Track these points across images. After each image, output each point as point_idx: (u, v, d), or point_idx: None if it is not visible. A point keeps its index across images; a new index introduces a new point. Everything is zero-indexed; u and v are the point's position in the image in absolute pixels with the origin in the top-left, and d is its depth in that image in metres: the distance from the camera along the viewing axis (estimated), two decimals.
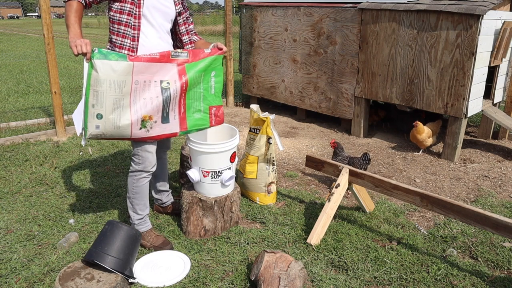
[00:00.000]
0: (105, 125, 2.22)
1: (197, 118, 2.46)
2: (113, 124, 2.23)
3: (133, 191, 2.54)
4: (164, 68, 2.32)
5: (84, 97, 2.20)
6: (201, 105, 2.46)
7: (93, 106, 2.19)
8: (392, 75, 4.47)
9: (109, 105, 2.20)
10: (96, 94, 2.19)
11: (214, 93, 2.50)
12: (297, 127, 5.41)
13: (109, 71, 2.17)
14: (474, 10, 3.72)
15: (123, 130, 2.25)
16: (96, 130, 2.22)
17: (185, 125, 2.42)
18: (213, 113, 2.51)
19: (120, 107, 2.22)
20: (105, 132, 2.23)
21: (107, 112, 2.20)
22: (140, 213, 2.60)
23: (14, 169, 3.80)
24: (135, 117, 2.25)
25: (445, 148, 4.24)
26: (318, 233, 2.65)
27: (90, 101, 2.19)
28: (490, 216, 2.19)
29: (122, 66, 2.19)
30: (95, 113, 2.19)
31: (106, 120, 2.21)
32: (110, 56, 2.17)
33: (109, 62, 2.17)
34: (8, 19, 56.89)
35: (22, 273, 2.33)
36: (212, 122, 2.52)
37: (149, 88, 2.28)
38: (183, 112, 2.41)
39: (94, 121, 2.20)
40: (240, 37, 6.19)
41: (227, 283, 2.27)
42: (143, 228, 2.61)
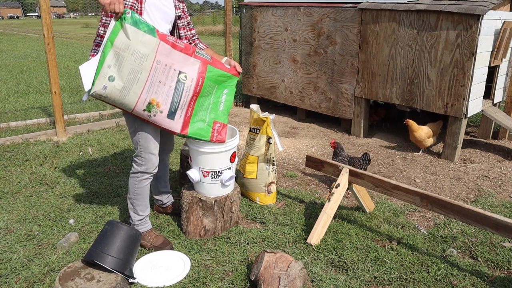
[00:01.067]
0: (113, 90, 2.15)
1: (199, 127, 2.45)
2: (121, 93, 2.16)
3: (134, 192, 2.54)
4: (187, 60, 2.30)
5: (101, 54, 2.12)
6: (207, 116, 2.45)
7: (109, 67, 2.12)
8: (392, 75, 4.47)
9: (125, 73, 2.14)
10: (116, 56, 2.12)
11: (222, 110, 2.50)
12: (297, 127, 5.41)
13: (135, 40, 2.12)
14: (474, 10, 3.72)
15: (127, 102, 2.19)
16: (102, 90, 2.13)
17: (186, 129, 2.41)
18: (216, 128, 2.50)
19: (135, 79, 2.17)
20: (109, 96, 2.15)
21: (120, 79, 2.14)
22: (141, 214, 2.60)
23: (14, 169, 3.80)
24: (144, 96, 2.21)
25: (445, 148, 4.24)
26: (318, 233, 2.65)
27: (107, 61, 2.12)
28: (490, 216, 2.19)
29: (148, 39, 2.15)
30: (108, 74, 2.12)
31: (116, 85, 2.14)
32: (140, 25, 2.13)
33: (139, 31, 2.13)
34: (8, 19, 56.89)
35: (22, 273, 2.34)
36: (213, 137, 2.51)
37: (168, 74, 2.25)
38: (189, 116, 2.40)
39: (104, 81, 2.13)
40: (240, 37, 6.19)
41: (227, 283, 2.27)
42: (143, 228, 2.61)
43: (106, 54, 2.11)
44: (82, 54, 12.53)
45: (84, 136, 4.81)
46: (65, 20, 49.76)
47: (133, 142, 2.48)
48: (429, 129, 4.33)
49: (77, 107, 6.05)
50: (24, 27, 28.54)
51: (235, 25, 7.54)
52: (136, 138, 2.44)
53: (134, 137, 2.45)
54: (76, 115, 5.49)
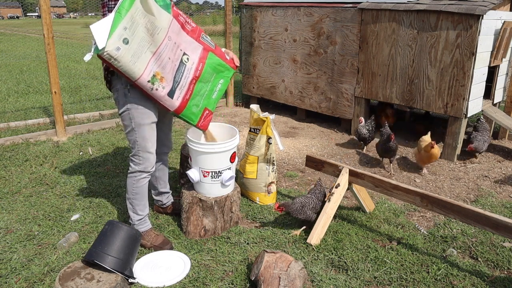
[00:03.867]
0: (125, 53, 2.11)
1: (193, 111, 2.47)
2: (133, 57, 2.14)
3: (133, 191, 2.54)
4: (192, 44, 2.36)
5: (116, 14, 2.07)
6: (201, 101, 2.48)
7: (124, 29, 2.09)
8: (392, 75, 4.47)
9: (137, 39, 2.14)
10: (132, 21, 2.10)
11: (214, 98, 2.54)
12: (297, 127, 5.41)
13: (150, 11, 2.13)
14: (474, 10, 3.72)
15: (136, 69, 2.16)
16: (115, 51, 2.08)
17: (181, 110, 2.41)
18: (204, 115, 2.52)
19: (145, 48, 2.17)
20: (119, 58, 2.10)
21: (134, 43, 2.12)
22: (140, 214, 2.60)
23: (14, 169, 3.80)
24: (151, 67, 2.20)
25: (445, 148, 4.24)
26: (318, 233, 2.65)
27: (124, 23, 2.08)
28: (490, 216, 2.19)
29: (163, 14, 2.18)
30: (123, 36, 2.09)
31: (130, 48, 2.11)
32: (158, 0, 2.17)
33: (155, 4, 2.15)
34: (8, 19, 56.87)
35: (22, 273, 2.33)
36: (199, 123, 2.53)
37: (175, 52, 2.28)
38: (187, 99, 2.41)
39: (119, 42, 2.08)
40: (240, 37, 6.19)
41: (227, 283, 2.27)
42: (143, 228, 2.61)
43: (122, 16, 2.07)
44: (82, 54, 12.50)
45: (84, 136, 4.81)
46: (65, 20, 49.76)
47: (130, 141, 2.48)
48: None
49: (77, 107, 6.05)
50: (24, 27, 28.53)
51: (235, 25, 7.54)
52: (133, 137, 2.43)
53: (131, 136, 2.45)
54: (76, 115, 5.49)
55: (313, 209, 2.73)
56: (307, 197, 2.77)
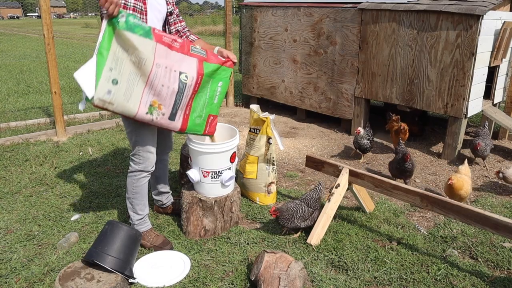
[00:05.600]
0: (118, 93, 2.07)
1: (196, 123, 2.44)
2: (125, 95, 2.10)
3: (133, 191, 2.54)
4: (185, 60, 2.26)
5: (98, 56, 2.02)
6: (203, 111, 2.44)
7: (110, 70, 2.04)
8: (392, 75, 4.47)
9: (125, 75, 2.09)
10: (116, 59, 2.06)
11: (216, 103, 2.48)
12: (297, 127, 5.41)
13: (132, 45, 2.06)
14: (474, 10, 3.72)
15: (131, 106, 2.13)
16: (106, 95, 2.05)
17: (185, 126, 2.39)
18: (209, 122, 2.49)
19: (135, 82, 2.12)
20: (113, 101, 2.08)
21: (123, 81, 2.08)
22: (140, 213, 2.60)
23: (14, 169, 3.80)
24: (146, 98, 2.16)
25: (445, 148, 4.24)
26: (318, 233, 2.65)
27: (108, 64, 2.03)
28: (490, 216, 2.19)
29: (145, 43, 2.09)
30: (111, 77, 2.05)
31: (120, 88, 2.07)
32: (136, 29, 2.07)
33: (134, 35, 2.06)
34: (8, 19, 56.87)
35: (22, 273, 2.33)
36: (205, 130, 2.50)
37: (169, 76, 2.19)
38: (187, 115, 2.38)
39: (108, 85, 2.04)
40: (240, 37, 6.19)
41: (227, 283, 2.27)
42: (143, 228, 2.61)
43: (104, 57, 2.03)
44: (82, 54, 12.54)
45: (84, 136, 4.81)
46: (65, 20, 49.76)
47: (130, 141, 2.48)
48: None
49: (77, 107, 6.05)
50: (24, 27, 28.53)
51: (235, 25, 7.54)
52: (133, 137, 2.44)
53: (131, 136, 2.45)
54: (76, 115, 5.49)
55: (301, 218, 2.66)
56: (297, 205, 2.68)
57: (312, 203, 2.72)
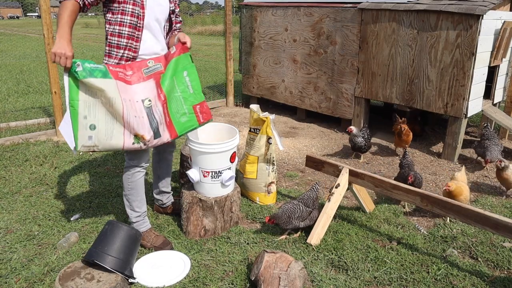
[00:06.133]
0: (98, 135, 2.17)
1: (184, 121, 2.42)
2: (106, 135, 2.19)
3: (128, 186, 2.55)
4: (142, 86, 2.30)
5: (70, 109, 2.13)
6: (184, 107, 2.41)
7: (85, 118, 2.14)
8: (392, 75, 4.47)
9: (102, 116, 2.17)
10: (88, 106, 2.15)
11: (193, 92, 2.44)
12: (297, 127, 5.41)
13: (97, 88, 2.13)
14: (474, 10, 3.72)
15: (115, 142, 2.22)
16: (88, 141, 2.16)
17: (174, 132, 2.39)
18: (198, 111, 2.47)
19: (114, 120, 2.20)
20: (97, 143, 2.18)
21: (101, 123, 2.17)
22: (138, 210, 2.59)
23: (14, 169, 3.80)
24: (128, 132, 2.24)
25: (445, 148, 4.24)
26: (318, 233, 2.65)
27: (81, 113, 2.13)
28: (490, 216, 2.19)
29: (107, 84, 2.15)
30: (87, 124, 2.15)
31: (100, 130, 2.17)
32: (95, 73, 2.14)
33: (96, 80, 2.13)
34: (8, 19, 56.84)
35: (22, 273, 2.33)
36: (200, 120, 2.48)
37: (135, 107, 2.26)
38: (169, 121, 2.38)
39: (87, 132, 2.15)
40: (240, 37, 6.19)
41: (227, 283, 2.27)
42: (142, 227, 2.61)
43: (76, 107, 2.12)
44: (82, 54, 12.53)
45: None
46: None
47: None
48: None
49: None
50: (24, 27, 28.52)
51: (235, 25, 7.53)
52: None
53: None
54: None
55: (299, 218, 2.65)
56: (294, 205, 2.67)
57: (310, 203, 2.72)
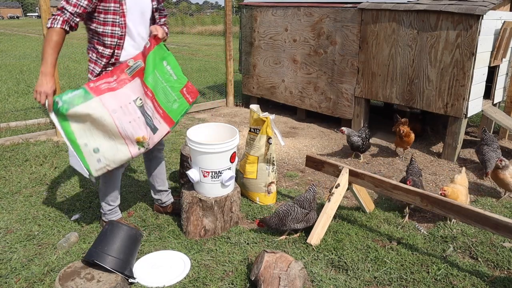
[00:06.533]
0: (105, 155, 2.27)
1: (176, 107, 2.48)
2: (112, 152, 2.29)
3: (104, 181, 2.62)
4: (130, 87, 2.35)
5: (70, 142, 2.23)
6: (173, 95, 2.47)
7: (86, 145, 2.24)
8: (392, 75, 4.47)
9: (100, 137, 2.26)
10: (83, 133, 2.23)
11: (177, 78, 2.48)
12: (297, 127, 5.41)
13: (83, 114, 2.20)
14: (474, 10, 3.72)
15: (123, 155, 2.32)
16: (99, 164, 2.28)
17: (170, 120, 2.47)
18: (185, 93, 2.51)
19: (112, 136, 2.28)
20: (108, 162, 2.30)
21: (102, 143, 2.26)
22: (112, 204, 2.70)
23: (14, 169, 3.80)
24: (129, 142, 2.32)
25: (445, 148, 4.24)
26: (318, 233, 2.65)
27: (80, 142, 2.23)
28: (490, 216, 2.19)
29: (90, 105, 2.21)
30: (91, 149, 2.25)
31: (104, 150, 2.27)
32: (76, 101, 2.20)
33: (78, 107, 2.20)
34: (8, 19, 56.84)
35: (22, 273, 2.33)
36: (189, 100, 2.52)
37: (129, 111, 2.31)
38: (163, 112, 2.44)
39: (93, 156, 2.26)
40: (240, 37, 6.19)
41: (227, 283, 2.27)
42: (113, 217, 2.73)
43: (74, 138, 2.23)
44: (82, 54, 12.53)
45: None
46: None
47: None
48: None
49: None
50: (24, 27, 28.52)
51: (235, 25, 7.53)
52: None
53: None
54: None
55: (294, 219, 2.63)
56: (289, 207, 2.66)
57: (305, 204, 2.69)
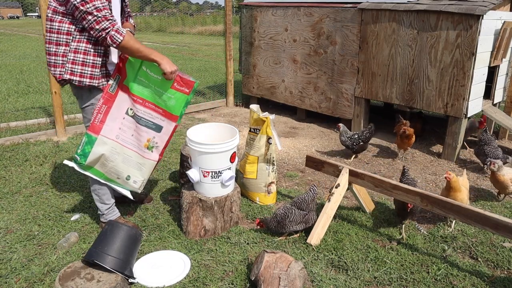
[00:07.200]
0: (136, 175, 2.58)
1: (174, 103, 2.54)
2: (139, 170, 2.58)
3: (95, 182, 2.62)
4: (118, 103, 2.49)
5: (106, 181, 2.54)
6: (166, 94, 2.53)
7: (118, 178, 2.55)
8: (392, 75, 4.47)
9: (123, 165, 2.53)
10: (110, 172, 2.51)
11: (162, 78, 2.50)
12: (297, 127, 5.41)
13: (98, 157, 2.46)
14: (474, 10, 3.72)
15: (148, 166, 2.60)
16: (136, 184, 2.61)
17: (174, 116, 2.56)
18: (178, 87, 2.55)
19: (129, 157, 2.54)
20: (141, 178, 2.61)
21: (128, 169, 2.54)
22: (108, 203, 2.70)
23: (14, 169, 3.80)
24: (143, 152, 2.57)
25: (445, 148, 4.24)
26: (318, 233, 2.65)
27: (113, 178, 2.54)
28: (490, 216, 2.19)
29: (99, 146, 2.44)
30: (123, 179, 2.56)
31: (133, 173, 2.56)
32: (86, 150, 2.43)
33: (91, 155, 2.44)
34: (8, 19, 56.82)
35: (22, 273, 2.33)
36: (185, 91, 2.56)
37: (126, 126, 2.51)
38: (163, 111, 2.54)
39: (129, 182, 2.58)
40: (240, 37, 6.19)
41: (227, 283, 2.27)
42: (112, 216, 2.73)
43: (108, 179, 2.54)
44: None
45: None
46: None
47: None
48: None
49: (77, 107, 6.04)
50: (24, 27, 28.52)
51: (235, 25, 7.53)
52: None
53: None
54: (76, 115, 5.49)
55: (293, 221, 2.63)
56: (287, 209, 2.65)
57: (304, 206, 2.68)
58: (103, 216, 2.74)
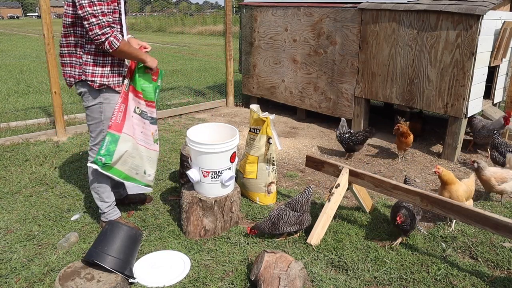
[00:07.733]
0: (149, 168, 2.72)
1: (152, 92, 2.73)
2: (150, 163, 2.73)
3: (96, 180, 2.64)
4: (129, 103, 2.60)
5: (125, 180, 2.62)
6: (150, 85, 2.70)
7: (137, 174, 2.66)
8: (392, 75, 4.47)
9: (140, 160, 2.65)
10: (130, 169, 2.61)
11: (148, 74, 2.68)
12: (297, 127, 5.41)
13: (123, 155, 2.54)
14: (474, 10, 3.72)
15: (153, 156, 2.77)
16: (150, 177, 2.77)
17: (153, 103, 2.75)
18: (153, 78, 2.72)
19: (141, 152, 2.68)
20: (153, 170, 2.78)
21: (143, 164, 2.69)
22: (107, 201, 2.71)
23: (14, 169, 3.80)
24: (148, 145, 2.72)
25: (445, 148, 4.24)
26: (318, 233, 2.65)
27: (131, 173, 2.63)
28: (490, 216, 2.19)
29: (122, 143, 2.52)
30: (142, 174, 2.68)
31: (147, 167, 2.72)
32: (111, 149, 2.48)
33: (116, 153, 2.50)
34: (8, 19, 56.82)
35: (22, 273, 2.33)
36: (154, 78, 2.72)
37: (135, 124, 2.63)
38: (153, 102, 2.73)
39: (145, 177, 2.73)
40: (240, 37, 6.19)
41: (227, 283, 2.27)
42: (113, 216, 2.73)
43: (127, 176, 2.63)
44: None
45: (84, 136, 4.81)
46: None
47: (95, 132, 2.60)
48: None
49: (77, 107, 6.04)
50: (24, 27, 28.52)
51: (235, 25, 7.53)
52: (100, 128, 2.58)
53: (98, 127, 2.58)
54: (76, 115, 5.49)
55: (287, 223, 2.62)
56: (281, 211, 2.64)
57: (298, 207, 2.66)
58: (103, 216, 2.74)
